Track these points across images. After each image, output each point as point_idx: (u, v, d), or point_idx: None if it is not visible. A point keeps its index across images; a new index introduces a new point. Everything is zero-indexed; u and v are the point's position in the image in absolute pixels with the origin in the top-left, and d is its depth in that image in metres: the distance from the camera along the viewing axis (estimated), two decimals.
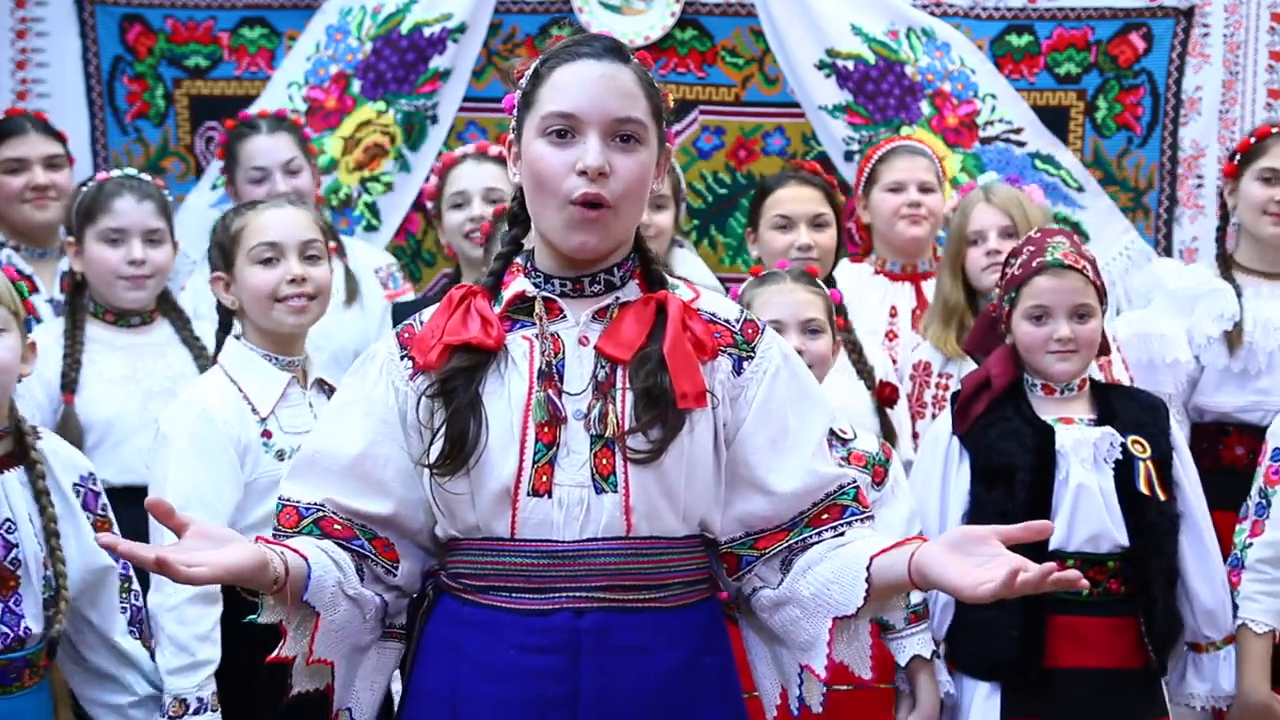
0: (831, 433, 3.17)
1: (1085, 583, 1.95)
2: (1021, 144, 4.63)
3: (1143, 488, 3.06)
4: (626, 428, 2.07)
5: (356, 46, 4.65)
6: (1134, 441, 3.09)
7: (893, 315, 4.03)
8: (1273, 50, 4.61)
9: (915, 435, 3.71)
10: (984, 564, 1.92)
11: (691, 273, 4.16)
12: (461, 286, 2.18)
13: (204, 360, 3.49)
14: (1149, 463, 3.08)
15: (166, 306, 3.60)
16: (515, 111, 2.17)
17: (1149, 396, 3.31)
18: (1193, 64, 4.63)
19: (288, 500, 2.16)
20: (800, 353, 3.07)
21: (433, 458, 2.10)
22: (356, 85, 4.66)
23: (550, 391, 2.09)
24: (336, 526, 2.13)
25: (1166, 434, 3.15)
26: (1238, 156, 3.93)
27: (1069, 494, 3.06)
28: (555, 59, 2.12)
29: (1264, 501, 3.24)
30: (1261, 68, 4.61)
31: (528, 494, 2.07)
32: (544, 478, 2.07)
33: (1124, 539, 3.06)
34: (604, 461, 2.07)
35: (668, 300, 2.14)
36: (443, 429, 2.09)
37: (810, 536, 2.15)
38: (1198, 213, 4.60)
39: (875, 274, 4.13)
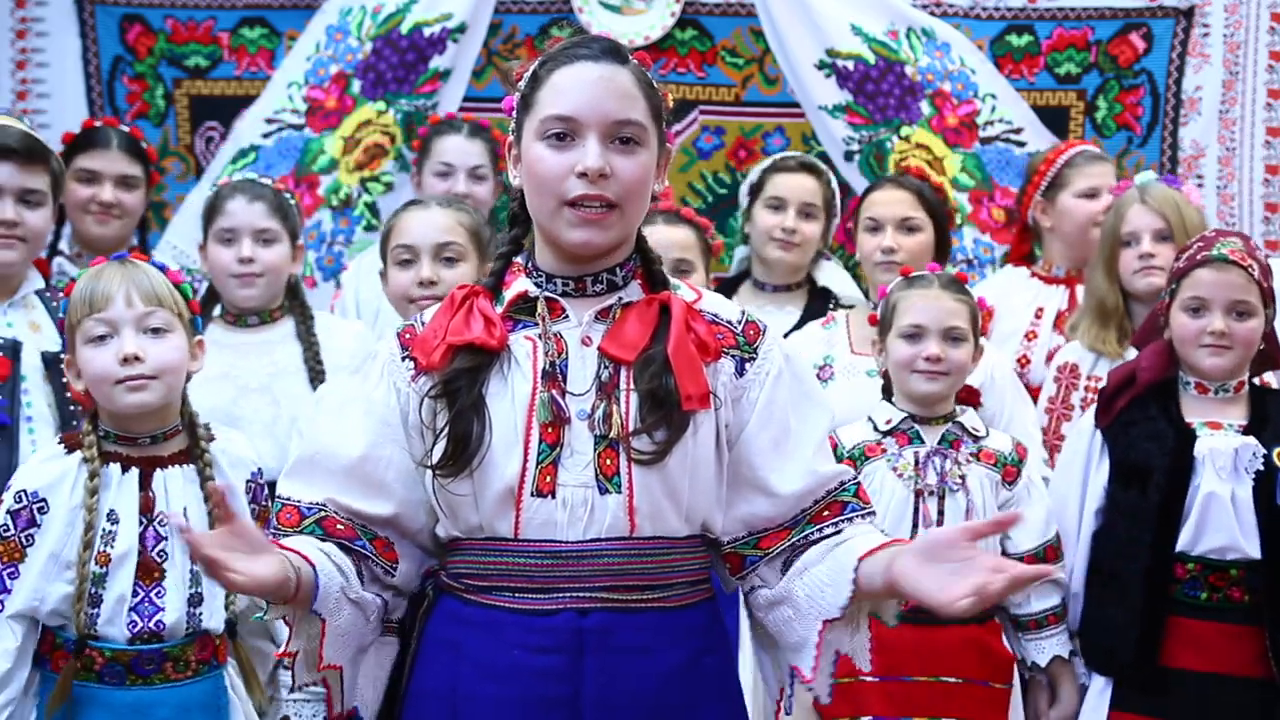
0: (964, 429, 3.21)
1: (1051, 569, 1.96)
2: (1021, 144, 4.63)
3: None
4: (631, 429, 2.07)
5: (356, 46, 4.65)
6: (1279, 453, 3.07)
7: (1037, 317, 4.00)
8: (1273, 50, 4.61)
9: (1059, 437, 3.67)
10: (958, 571, 1.93)
11: (835, 283, 4.18)
12: (463, 286, 2.18)
13: (312, 356, 3.57)
14: None
15: (295, 304, 3.66)
16: (514, 114, 2.17)
17: None
18: (1193, 64, 4.63)
19: (287, 499, 2.15)
20: (939, 360, 3.12)
21: (436, 459, 2.10)
22: (356, 85, 4.66)
23: (554, 392, 2.09)
24: (339, 526, 2.13)
25: None
26: None
27: (1199, 501, 3.04)
28: (553, 61, 2.12)
29: None
30: (1261, 68, 4.61)
31: (531, 494, 2.07)
32: (548, 478, 2.07)
33: (1254, 551, 3.03)
34: (608, 462, 2.08)
35: (671, 301, 2.14)
36: (446, 430, 2.09)
37: (811, 533, 2.16)
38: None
39: (1031, 277, 4.10)
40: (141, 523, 2.69)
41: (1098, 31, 4.66)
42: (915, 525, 3.06)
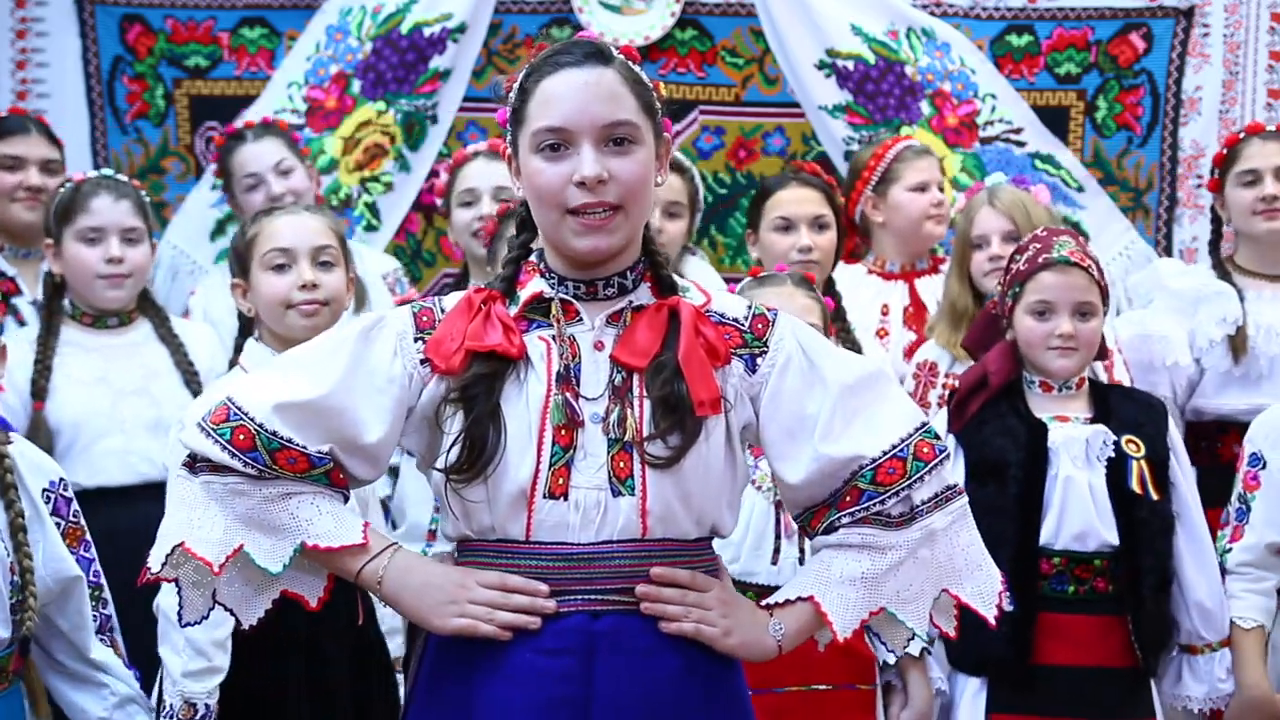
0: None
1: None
2: (1021, 144, 4.63)
3: (1134, 486, 3.07)
4: (645, 434, 2.07)
5: (356, 46, 4.65)
6: (1128, 440, 3.10)
7: (884, 314, 4.05)
8: (1273, 50, 4.61)
9: None
10: None
11: (701, 280, 4.15)
12: (480, 290, 2.18)
13: (181, 358, 3.50)
14: (1142, 462, 3.09)
15: (146, 305, 3.60)
16: (508, 127, 2.17)
17: (1147, 396, 3.32)
18: (1193, 64, 4.63)
19: (289, 442, 2.10)
20: None
21: (449, 463, 2.09)
22: (356, 85, 4.66)
23: (568, 395, 2.09)
24: (340, 476, 2.15)
25: (1163, 434, 3.16)
26: (1216, 170, 3.98)
27: (1058, 490, 3.07)
28: (537, 72, 2.12)
29: (1244, 507, 3.26)
30: (1261, 68, 4.61)
31: (544, 496, 2.08)
32: (560, 480, 2.08)
33: (1113, 538, 3.07)
34: (621, 464, 2.08)
35: (680, 306, 2.15)
36: (461, 436, 2.08)
37: (834, 520, 2.16)
38: (1198, 213, 4.60)
39: (869, 274, 4.13)
40: None
41: (1098, 31, 4.66)
42: (778, 535, 3.04)
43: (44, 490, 2.72)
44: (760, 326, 2.18)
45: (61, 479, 2.78)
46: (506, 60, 4.69)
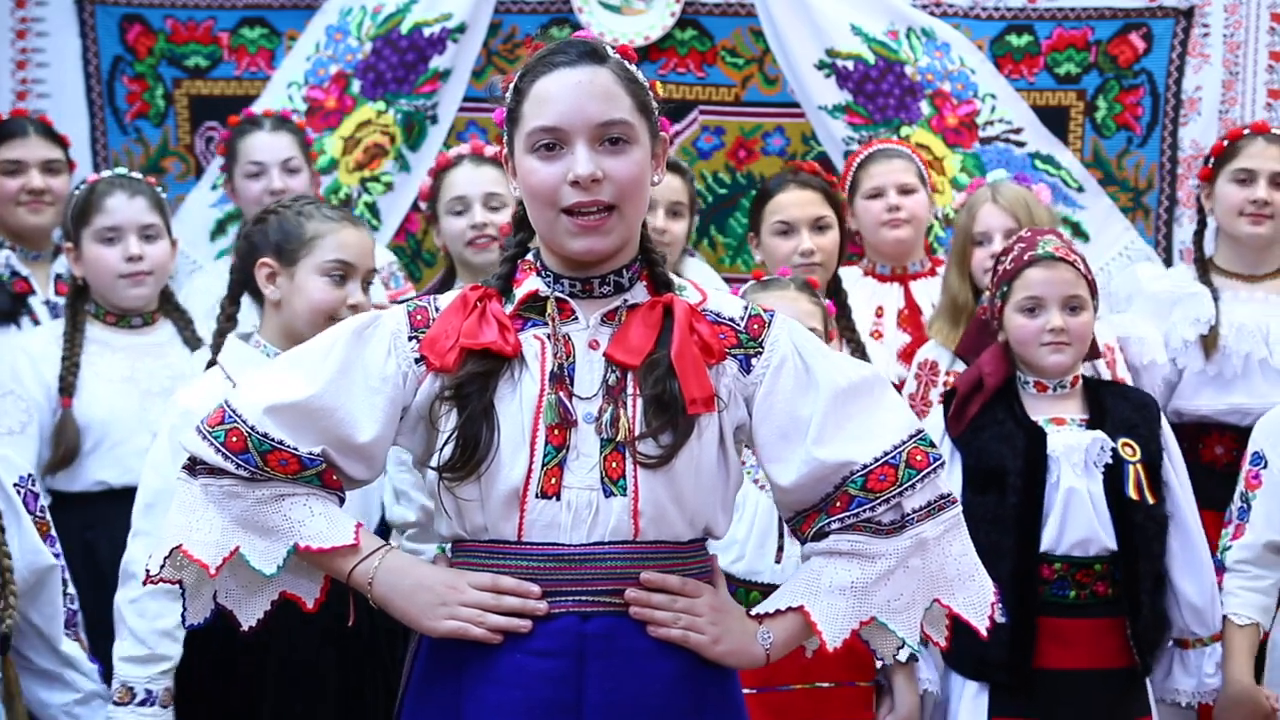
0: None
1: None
2: (1021, 144, 4.63)
3: (1131, 493, 3.08)
4: (638, 433, 2.07)
5: (356, 46, 4.65)
6: (1124, 444, 3.11)
7: (878, 316, 4.04)
8: (1273, 50, 4.61)
9: None
10: None
11: (701, 281, 4.14)
12: (476, 288, 2.17)
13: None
14: (1138, 466, 3.10)
15: (169, 306, 3.59)
16: (504, 127, 2.17)
17: (1140, 395, 3.32)
18: (1193, 64, 4.62)
19: (280, 444, 2.10)
20: None
21: (442, 462, 2.09)
22: (356, 85, 4.66)
23: (561, 394, 2.09)
24: (334, 478, 2.15)
25: (1157, 434, 3.17)
26: (1212, 160, 3.96)
27: (1060, 498, 3.07)
28: (532, 73, 2.12)
29: (1245, 506, 3.28)
30: (1261, 68, 4.61)
31: (536, 496, 2.07)
32: (553, 480, 2.07)
33: (1112, 543, 3.08)
34: (614, 465, 2.08)
35: (674, 304, 2.14)
36: (454, 434, 2.08)
37: (824, 525, 2.16)
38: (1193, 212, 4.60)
39: (864, 276, 4.13)
40: None
41: (1098, 31, 4.65)
42: (781, 535, 3.05)
43: (15, 485, 2.73)
44: (756, 327, 2.18)
45: (30, 475, 2.80)
46: (506, 60, 4.68)
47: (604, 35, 4.40)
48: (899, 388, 3.75)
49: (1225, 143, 3.94)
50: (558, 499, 2.07)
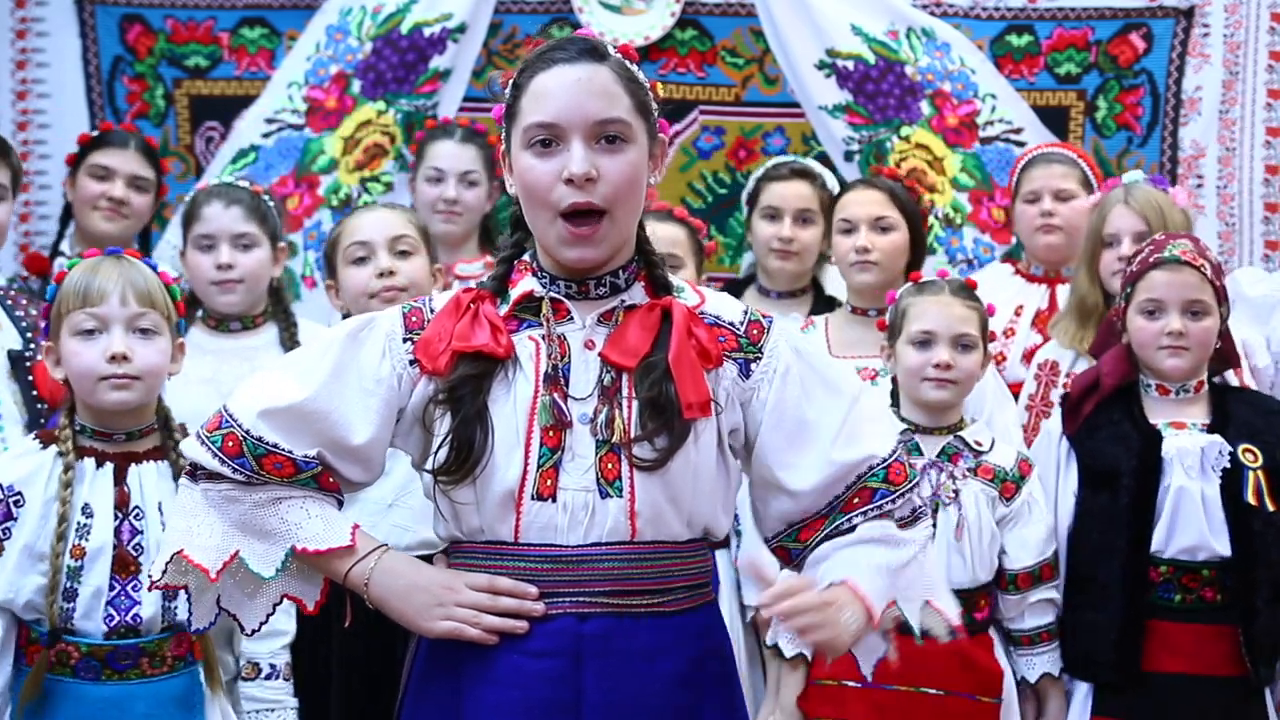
0: (966, 443, 3.19)
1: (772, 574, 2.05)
2: (1021, 144, 4.61)
3: (1250, 498, 3.05)
4: (632, 435, 2.07)
5: (356, 46, 4.65)
6: (1245, 450, 3.08)
7: (1016, 314, 3.99)
8: (1273, 50, 4.59)
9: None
10: None
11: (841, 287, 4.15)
12: (469, 290, 2.17)
13: None
14: (1260, 472, 3.07)
15: (278, 310, 3.65)
16: (502, 123, 2.17)
17: (1269, 401, 3.29)
18: (1193, 64, 4.61)
19: (275, 447, 2.12)
20: (948, 367, 3.10)
21: (437, 465, 2.09)
22: (356, 85, 4.66)
23: (556, 395, 2.09)
24: (331, 480, 2.16)
25: None
26: None
27: (1170, 500, 3.06)
28: (531, 68, 2.12)
29: None
30: (1261, 68, 4.59)
31: (532, 498, 2.07)
32: (548, 481, 2.07)
33: (1225, 549, 3.05)
34: (609, 466, 2.08)
35: (673, 307, 2.14)
36: (449, 437, 2.08)
37: (842, 523, 2.16)
38: (1198, 213, 4.57)
39: (1014, 274, 4.11)
40: (117, 517, 2.70)
41: (1098, 31, 4.65)
42: None
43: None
44: (755, 332, 2.18)
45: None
46: (506, 60, 4.68)
47: (604, 35, 4.39)
48: (1017, 389, 3.73)
49: None
50: (553, 500, 2.07)
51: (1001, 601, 3.21)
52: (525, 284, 2.17)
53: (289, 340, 3.59)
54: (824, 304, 4.17)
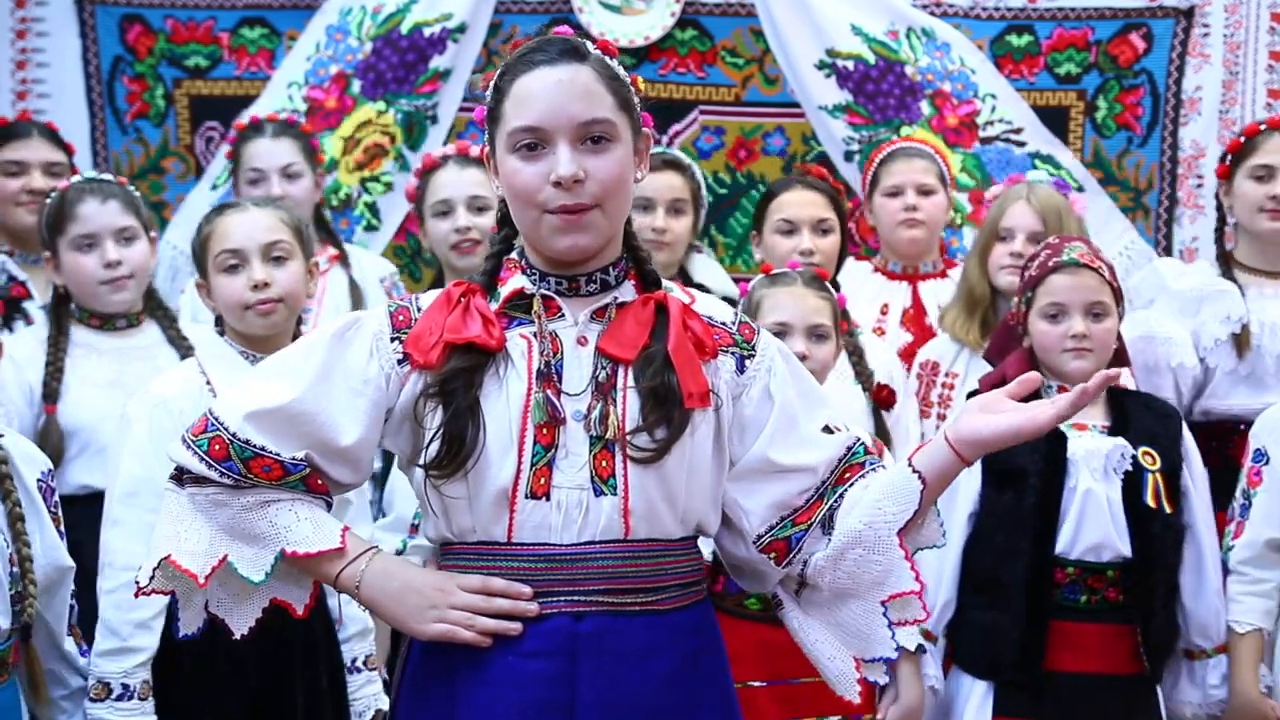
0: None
1: (1116, 373, 2.10)
2: (1021, 144, 4.63)
3: (1150, 501, 3.08)
4: (632, 427, 2.06)
5: (356, 46, 4.65)
6: (1144, 453, 3.10)
7: (883, 313, 4.04)
8: (1273, 50, 4.61)
9: (922, 436, 3.70)
10: (1020, 410, 2.08)
11: (710, 278, 4.18)
12: (459, 284, 2.16)
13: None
14: (1158, 475, 3.09)
15: (153, 306, 3.54)
16: (485, 126, 2.16)
17: (1163, 405, 3.30)
18: (1193, 64, 4.63)
19: (262, 450, 2.10)
20: (804, 358, 3.09)
21: (429, 459, 2.08)
22: (356, 85, 4.66)
23: (549, 392, 2.08)
24: (319, 482, 2.14)
25: (1178, 444, 3.17)
26: (1229, 157, 3.91)
27: (1076, 501, 3.07)
28: (512, 71, 2.10)
29: (1246, 503, 3.27)
30: (1261, 68, 4.61)
31: (525, 496, 2.06)
32: (542, 480, 2.06)
33: (1126, 550, 3.07)
34: (603, 463, 2.07)
35: (667, 300, 2.14)
36: (440, 431, 2.07)
37: (843, 492, 2.17)
38: (1198, 213, 4.59)
39: (874, 272, 4.13)
40: None
41: (1098, 31, 4.66)
42: None
43: (37, 480, 2.72)
44: (748, 332, 2.20)
45: (50, 470, 2.78)
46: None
47: (604, 35, 4.39)
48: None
49: (1243, 139, 3.88)
50: (547, 499, 2.06)
51: None
52: (515, 281, 2.16)
53: (175, 336, 3.48)
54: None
